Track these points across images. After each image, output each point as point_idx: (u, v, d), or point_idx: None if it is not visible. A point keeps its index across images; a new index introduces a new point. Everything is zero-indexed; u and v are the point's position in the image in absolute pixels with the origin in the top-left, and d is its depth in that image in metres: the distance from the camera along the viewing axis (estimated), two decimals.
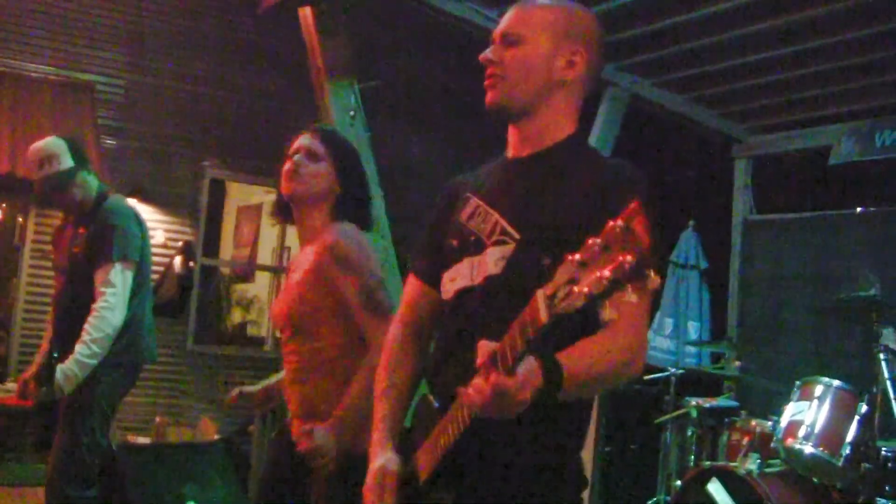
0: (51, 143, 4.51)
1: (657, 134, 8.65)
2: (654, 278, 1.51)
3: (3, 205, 11.02)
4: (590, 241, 1.52)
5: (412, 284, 2.45)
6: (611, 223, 1.49)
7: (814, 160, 8.00)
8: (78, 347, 4.26)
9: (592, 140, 7.39)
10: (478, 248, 2.17)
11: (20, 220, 9.65)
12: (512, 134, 2.28)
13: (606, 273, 1.48)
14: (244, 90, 9.32)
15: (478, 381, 1.79)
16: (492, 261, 2.13)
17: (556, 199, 2.11)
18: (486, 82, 2.23)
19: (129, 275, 4.43)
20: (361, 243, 3.08)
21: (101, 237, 4.41)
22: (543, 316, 1.61)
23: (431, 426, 2.11)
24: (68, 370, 4.24)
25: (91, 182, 4.55)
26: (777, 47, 6.81)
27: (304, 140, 3.21)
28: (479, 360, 1.81)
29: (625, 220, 1.48)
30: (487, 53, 2.23)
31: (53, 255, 4.88)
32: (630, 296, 1.83)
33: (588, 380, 1.95)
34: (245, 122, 9.22)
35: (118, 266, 4.38)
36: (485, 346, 1.81)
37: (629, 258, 1.46)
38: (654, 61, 7.45)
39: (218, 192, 9.60)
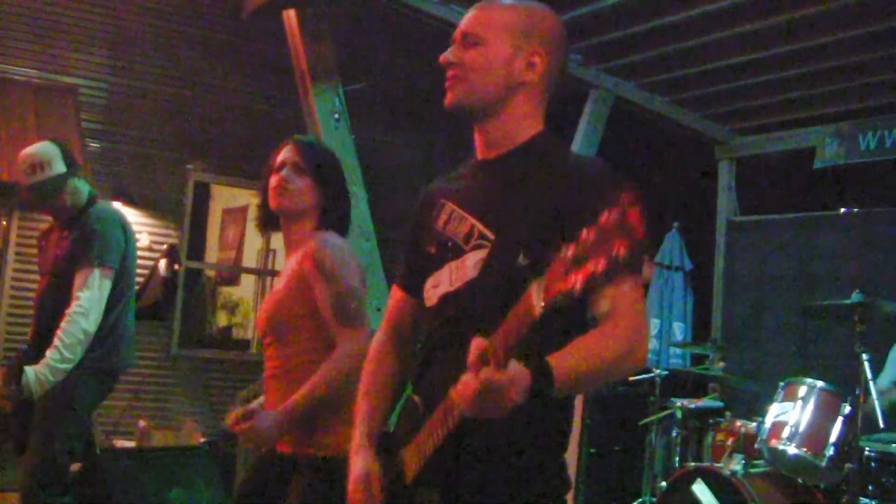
0: (44, 147, 4.50)
1: (641, 136, 8.67)
2: (649, 265, 1.52)
3: None
4: (584, 232, 1.52)
5: (394, 293, 2.48)
6: (605, 214, 1.49)
7: (797, 161, 8.03)
8: (49, 353, 4.24)
9: (577, 142, 7.41)
10: (456, 253, 2.18)
11: (3, 223, 9.60)
12: (477, 136, 2.29)
13: (602, 263, 1.48)
14: (228, 93, 9.29)
15: (467, 376, 1.79)
16: (470, 264, 2.13)
17: (528, 199, 2.11)
18: (446, 83, 2.24)
19: (107, 281, 4.40)
20: (342, 252, 3.12)
21: (84, 242, 4.40)
22: (538, 307, 1.61)
23: (416, 427, 2.11)
24: (40, 374, 4.21)
25: (81, 188, 4.54)
26: (761, 49, 6.85)
27: (288, 154, 3.24)
28: (470, 357, 1.80)
29: (619, 211, 1.49)
30: (447, 54, 2.24)
31: (38, 257, 4.87)
32: (624, 285, 1.84)
33: (585, 375, 1.94)
34: (229, 124, 9.19)
35: (96, 272, 4.36)
36: (477, 342, 1.80)
37: (624, 247, 1.47)
38: (638, 63, 7.48)
39: (203, 195, 9.56)
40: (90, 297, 4.32)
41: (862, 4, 6.00)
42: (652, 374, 6.41)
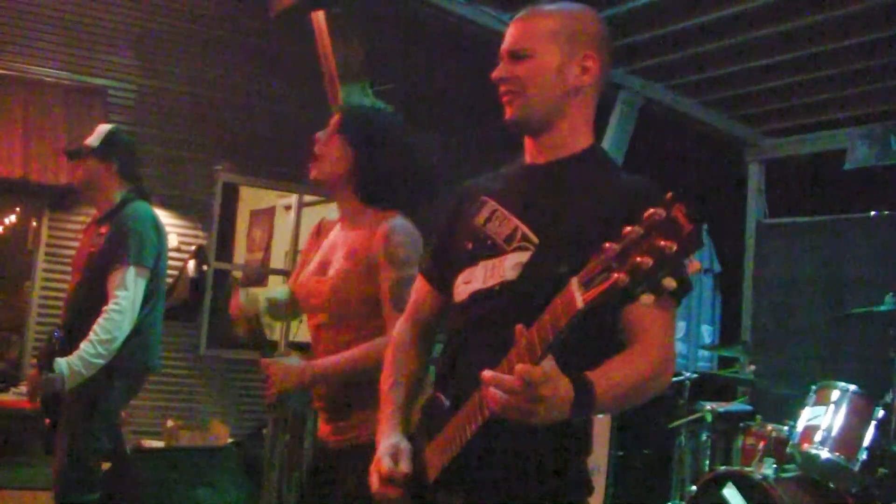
0: (107, 125, 4.80)
1: (670, 137, 8.62)
2: (694, 263, 1.50)
3: (17, 209, 11.05)
4: (628, 229, 1.49)
5: (421, 285, 2.45)
6: (651, 210, 1.47)
7: (827, 163, 7.95)
8: (83, 345, 4.24)
9: (605, 144, 7.37)
10: (493, 251, 2.15)
11: (34, 223, 9.67)
12: (529, 142, 2.26)
13: (648, 259, 1.46)
14: (256, 94, 9.32)
15: (498, 372, 1.76)
16: (509, 265, 2.10)
17: (575, 209, 2.08)
18: (502, 99, 2.20)
19: (143, 280, 4.41)
20: (413, 240, 2.96)
21: (119, 240, 4.41)
22: (579, 302, 1.58)
23: (441, 425, 2.09)
24: (73, 364, 4.21)
25: (107, 178, 4.60)
26: (790, 50, 6.79)
27: (332, 122, 3.16)
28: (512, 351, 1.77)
29: (666, 208, 1.46)
30: (499, 72, 2.20)
31: (74, 254, 4.92)
32: (658, 307, 1.81)
33: (622, 395, 1.93)
34: (257, 126, 9.21)
35: (132, 270, 4.36)
36: (518, 329, 1.77)
37: (672, 244, 1.44)
38: (667, 65, 7.44)
39: (230, 196, 9.59)
40: (127, 295, 4.32)
41: (893, 5, 5.93)
42: (681, 378, 6.35)
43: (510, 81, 2.18)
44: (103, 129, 4.65)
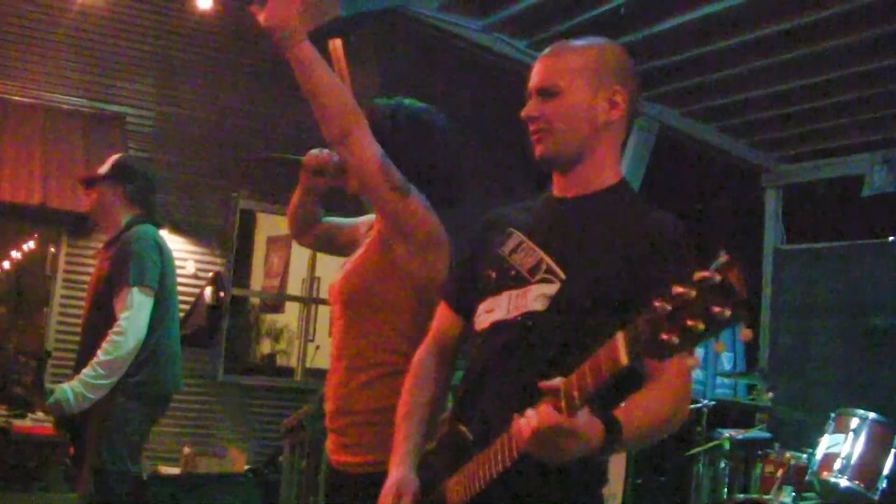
0: (119, 154, 4.85)
1: (686, 164, 8.62)
2: (745, 332, 1.49)
3: (36, 235, 11.11)
4: (681, 290, 1.46)
5: (443, 310, 2.44)
6: (706, 273, 1.44)
7: (845, 189, 7.93)
8: (85, 370, 4.26)
9: (624, 165, 7.35)
10: (518, 282, 2.14)
11: (52, 249, 9.70)
12: (557, 176, 2.26)
13: (700, 324, 1.44)
14: (274, 121, 9.34)
15: (532, 412, 1.76)
16: (533, 297, 2.09)
17: (602, 244, 2.08)
18: (532, 137, 2.21)
19: (147, 300, 4.41)
20: (428, 210, 2.75)
21: (121, 262, 4.43)
22: (623, 358, 1.57)
23: (463, 460, 2.07)
24: (75, 388, 4.23)
25: (118, 204, 4.62)
26: (807, 76, 6.78)
27: None
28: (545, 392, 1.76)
29: (721, 272, 1.43)
30: (528, 110, 2.21)
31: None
32: (717, 351, 1.82)
33: (645, 432, 1.93)
34: (275, 152, 9.20)
35: (135, 290, 4.36)
36: (553, 382, 1.76)
37: (725, 311, 1.42)
38: (683, 91, 7.44)
39: (248, 223, 9.63)
40: (129, 315, 4.32)
41: None
42: (699, 405, 6.31)
43: (540, 119, 2.19)
44: (115, 157, 4.72)
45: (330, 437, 2.90)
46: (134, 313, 4.33)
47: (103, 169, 4.62)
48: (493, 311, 2.19)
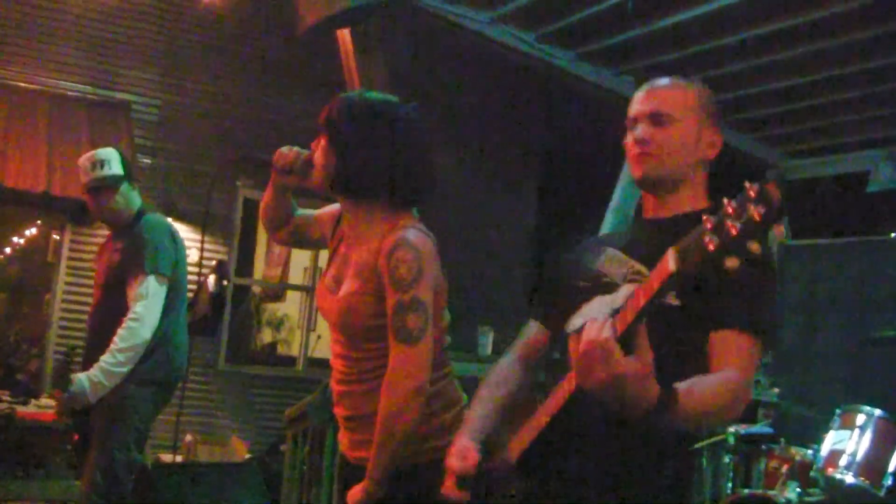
0: (105, 149, 4.69)
1: None
2: (779, 227, 1.53)
3: (38, 222, 11.10)
4: (725, 201, 1.56)
5: (531, 325, 2.54)
6: (748, 185, 1.53)
7: (850, 185, 7.91)
8: (104, 357, 4.31)
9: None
10: (608, 288, 2.20)
11: (56, 237, 9.70)
12: (650, 199, 2.38)
13: (737, 227, 1.52)
14: (279, 111, 9.34)
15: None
16: (621, 295, 2.12)
17: None
18: (635, 158, 2.31)
19: (162, 289, 4.46)
20: (418, 254, 2.71)
21: (135, 251, 4.48)
22: (671, 265, 1.65)
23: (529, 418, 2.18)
24: (94, 377, 4.27)
25: (133, 197, 4.66)
26: (813, 72, 6.77)
27: None
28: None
29: (759, 183, 1.53)
30: (641, 134, 2.29)
31: (96, 270, 4.93)
32: (748, 340, 2.03)
33: (698, 413, 1.96)
34: (279, 142, 9.12)
35: (150, 279, 4.41)
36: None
37: (761, 209, 1.50)
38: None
39: (251, 212, 9.59)
40: (146, 304, 4.37)
41: None
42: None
43: (651, 144, 2.29)
44: (109, 154, 4.62)
45: (344, 433, 2.94)
46: (150, 301, 4.38)
47: (112, 169, 4.57)
48: (584, 314, 2.24)
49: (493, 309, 9.30)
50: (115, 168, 4.57)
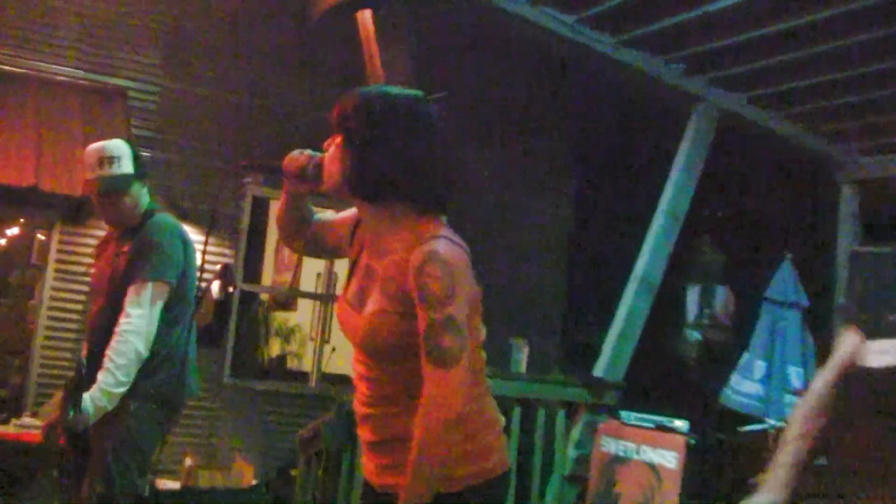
0: (115, 143, 4.63)
1: (751, 156, 8.63)
2: None
3: (22, 220, 11.16)
4: None
5: (850, 337, 2.57)
6: None
7: None
8: (101, 376, 4.27)
9: (679, 161, 7.48)
10: None
11: (41, 237, 9.74)
12: None
13: None
14: (291, 100, 9.46)
15: None
16: None
17: None
18: None
19: (162, 297, 4.46)
20: (449, 268, 2.71)
21: (140, 254, 4.46)
22: None
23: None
24: (95, 398, 4.24)
25: (143, 197, 4.65)
26: (886, 59, 6.77)
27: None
28: None
29: None
30: None
31: (93, 275, 4.97)
32: None
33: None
34: (291, 135, 9.18)
35: (150, 286, 4.41)
36: None
37: None
38: (748, 74, 7.49)
39: (260, 212, 9.70)
40: (142, 313, 4.36)
41: None
42: (765, 426, 6.31)
43: None
44: (120, 150, 4.60)
45: (369, 458, 2.97)
46: (147, 310, 4.37)
47: (123, 166, 4.56)
48: (886, 352, 2.35)
49: (528, 320, 9.37)
50: (126, 166, 4.56)
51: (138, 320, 4.36)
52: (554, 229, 10.59)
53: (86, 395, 4.25)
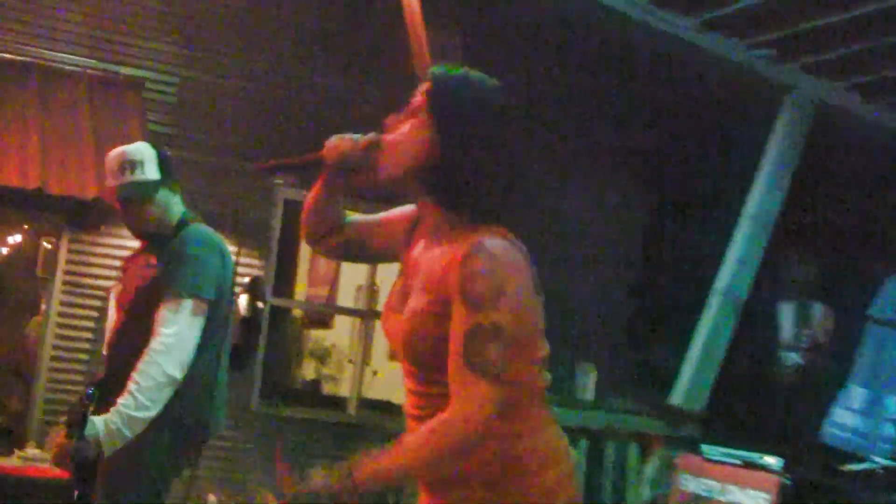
0: (137, 147, 4.68)
1: (852, 151, 8.54)
2: None
3: (25, 226, 11.20)
4: None
5: None
6: None
7: None
8: (122, 399, 4.26)
9: (770, 156, 7.38)
10: None
11: (48, 246, 9.76)
12: None
13: None
14: (326, 90, 9.45)
15: None
16: None
17: None
18: None
19: (199, 317, 4.45)
20: (497, 265, 2.65)
21: (173, 268, 4.48)
22: None
23: None
24: (111, 423, 4.22)
25: (173, 204, 4.68)
26: None
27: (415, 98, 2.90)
28: None
29: None
30: None
31: (118, 290, 4.95)
32: None
33: None
34: (327, 129, 9.15)
35: (187, 303, 4.41)
36: None
37: None
38: (847, 60, 7.42)
39: (293, 217, 9.67)
40: (177, 332, 4.36)
41: None
42: (865, 465, 6.23)
43: None
44: (143, 154, 4.63)
45: (425, 496, 2.89)
46: (183, 329, 4.38)
47: (147, 172, 4.58)
48: None
49: (595, 342, 9.32)
50: (151, 171, 4.59)
51: (170, 339, 4.35)
52: (621, 237, 10.51)
53: (98, 419, 4.22)
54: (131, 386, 4.28)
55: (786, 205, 7.37)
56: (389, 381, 9.06)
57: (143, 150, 4.63)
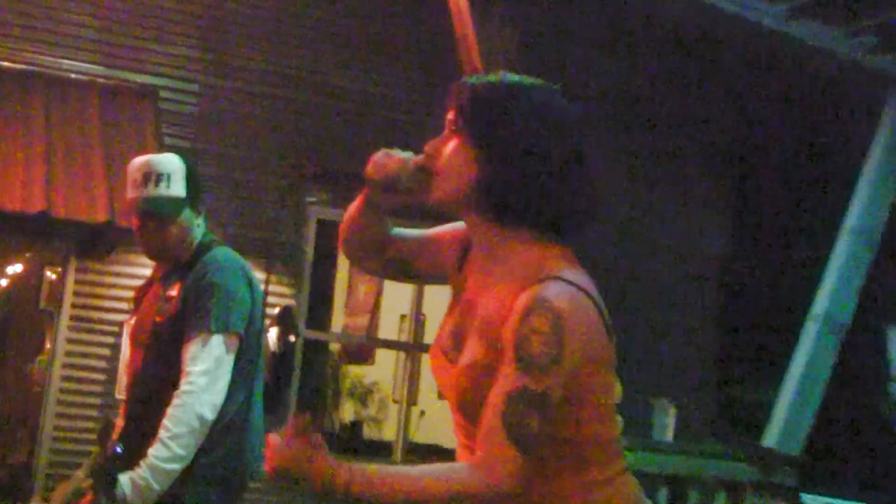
0: (165, 158, 4.64)
1: None
2: None
3: (28, 254, 11.22)
4: None
5: None
6: None
7: None
8: (152, 450, 4.23)
9: (875, 158, 7.30)
10: None
11: (51, 275, 9.79)
12: None
13: None
14: (361, 98, 9.46)
15: None
16: None
17: None
18: None
19: (230, 353, 4.42)
20: (563, 324, 2.61)
21: (198, 299, 4.43)
22: None
23: None
24: (139, 479, 4.20)
25: (197, 228, 4.63)
26: None
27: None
28: None
29: None
30: None
31: (132, 322, 4.91)
32: None
33: None
34: (363, 142, 9.18)
35: (216, 339, 4.37)
36: None
37: None
38: None
39: (327, 240, 9.66)
40: (206, 370, 4.34)
41: None
42: None
43: None
44: (173, 166, 4.59)
45: None
46: (213, 368, 4.36)
47: (167, 189, 4.53)
48: None
49: (673, 377, 9.23)
50: (178, 187, 4.55)
51: (201, 380, 4.33)
52: (705, 259, 10.43)
53: (124, 476, 4.19)
54: (163, 434, 4.26)
55: (892, 216, 7.30)
56: (439, 423, 9.03)
57: (171, 162, 4.60)
